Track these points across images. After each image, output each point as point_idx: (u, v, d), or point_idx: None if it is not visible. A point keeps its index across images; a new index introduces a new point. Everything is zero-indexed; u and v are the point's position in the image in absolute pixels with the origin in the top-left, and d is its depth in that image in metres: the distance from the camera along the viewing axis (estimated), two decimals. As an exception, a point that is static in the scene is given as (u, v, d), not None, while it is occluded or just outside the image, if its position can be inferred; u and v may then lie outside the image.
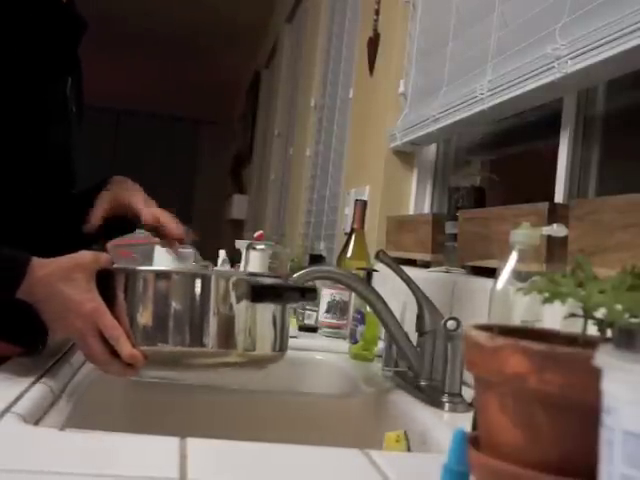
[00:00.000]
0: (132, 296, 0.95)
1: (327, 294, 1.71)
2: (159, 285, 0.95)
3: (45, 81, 1.14)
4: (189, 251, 2.09)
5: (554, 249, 1.02)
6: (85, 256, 0.95)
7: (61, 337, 0.99)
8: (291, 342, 1.03)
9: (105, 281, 0.95)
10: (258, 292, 0.96)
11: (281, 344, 1.01)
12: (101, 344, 0.92)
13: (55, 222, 1.17)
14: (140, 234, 2.17)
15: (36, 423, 0.83)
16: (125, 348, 0.91)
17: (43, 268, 0.92)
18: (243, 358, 0.97)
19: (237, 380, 1.16)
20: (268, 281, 1.00)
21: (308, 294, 1.02)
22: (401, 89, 1.99)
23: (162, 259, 2.12)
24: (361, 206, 1.68)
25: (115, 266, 0.98)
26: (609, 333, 0.53)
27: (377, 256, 1.30)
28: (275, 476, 0.69)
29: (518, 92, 1.27)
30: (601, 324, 0.53)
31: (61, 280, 0.92)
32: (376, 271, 1.50)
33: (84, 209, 1.22)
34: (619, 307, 0.50)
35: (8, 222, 1.07)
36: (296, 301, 1.03)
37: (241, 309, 0.96)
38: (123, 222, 1.22)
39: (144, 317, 0.94)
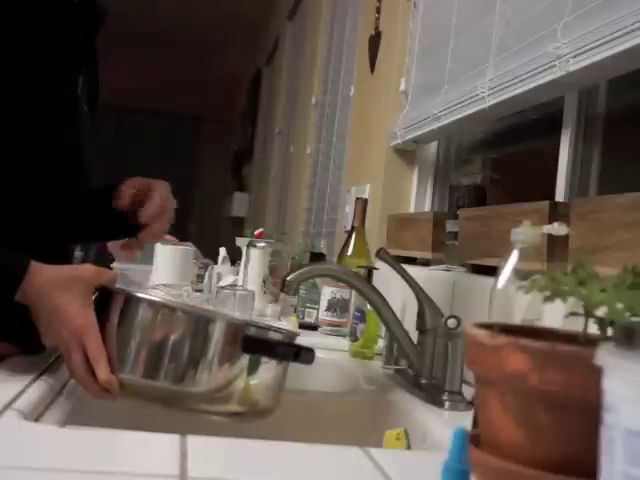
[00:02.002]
0: (125, 321, 0.90)
1: (327, 292, 1.71)
2: (155, 317, 0.89)
3: (54, 83, 1.13)
4: (189, 249, 2.10)
5: (555, 248, 1.02)
6: (87, 270, 0.93)
7: (50, 344, 0.97)
8: (291, 340, 1.02)
9: (103, 299, 0.93)
10: (249, 344, 0.90)
11: (278, 397, 0.97)
12: (82, 361, 0.89)
13: (63, 222, 1.17)
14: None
15: (36, 420, 0.83)
16: (102, 372, 0.88)
17: (41, 274, 0.91)
18: (239, 408, 0.93)
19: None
20: (271, 334, 0.94)
21: (304, 354, 0.93)
22: (402, 87, 1.99)
23: (163, 257, 2.13)
24: (362, 204, 1.68)
25: (116, 286, 0.94)
26: (610, 332, 0.53)
27: (378, 254, 1.30)
28: (275, 474, 0.69)
29: (519, 91, 1.27)
30: (602, 323, 0.53)
31: (57, 290, 0.90)
32: (376, 269, 1.50)
33: (97, 207, 1.21)
34: (620, 306, 0.50)
35: (13, 222, 1.07)
36: (288, 360, 0.96)
37: (240, 357, 0.90)
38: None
39: (133, 347, 0.89)
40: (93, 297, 0.93)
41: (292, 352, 0.93)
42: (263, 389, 0.94)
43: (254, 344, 0.91)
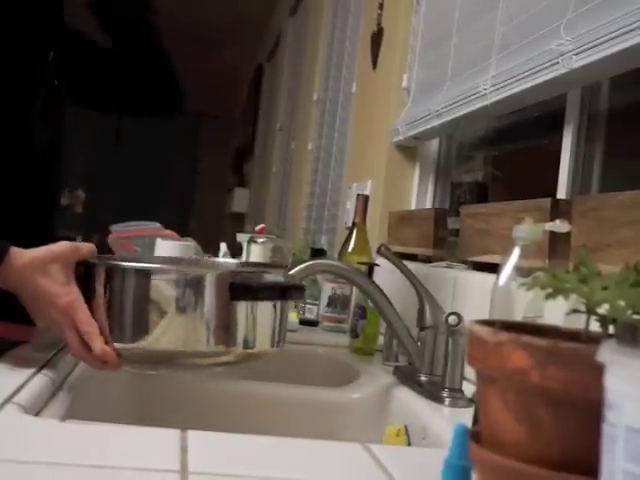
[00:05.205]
0: (111, 291, 0.91)
1: (328, 288, 1.71)
2: (138, 282, 0.90)
3: (20, 54, 1.12)
4: (190, 244, 2.10)
5: (557, 245, 1.01)
6: (63, 247, 0.93)
7: (43, 326, 0.97)
8: (291, 336, 1.02)
9: (86, 273, 0.93)
10: (234, 291, 0.90)
11: (279, 339, 0.98)
12: (77, 338, 0.91)
13: (42, 208, 1.17)
14: (143, 225, 2.17)
15: (37, 414, 0.83)
16: (97, 345, 0.89)
17: (20, 258, 0.91)
18: (239, 357, 0.93)
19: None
20: (261, 277, 0.95)
21: (291, 292, 0.94)
22: (404, 84, 1.99)
23: (164, 252, 2.13)
24: (363, 200, 1.68)
25: (96, 258, 0.95)
26: (612, 329, 0.53)
27: (379, 251, 1.30)
28: (275, 469, 0.69)
29: (522, 88, 1.27)
30: (604, 320, 0.53)
31: (36, 271, 0.90)
32: (377, 265, 1.50)
33: None
34: (622, 303, 0.50)
35: None
36: (276, 300, 0.96)
37: (237, 305, 0.91)
38: None
39: (122, 314, 0.90)
40: (78, 271, 0.93)
41: (278, 292, 0.93)
42: (258, 334, 0.94)
43: (239, 291, 0.91)
